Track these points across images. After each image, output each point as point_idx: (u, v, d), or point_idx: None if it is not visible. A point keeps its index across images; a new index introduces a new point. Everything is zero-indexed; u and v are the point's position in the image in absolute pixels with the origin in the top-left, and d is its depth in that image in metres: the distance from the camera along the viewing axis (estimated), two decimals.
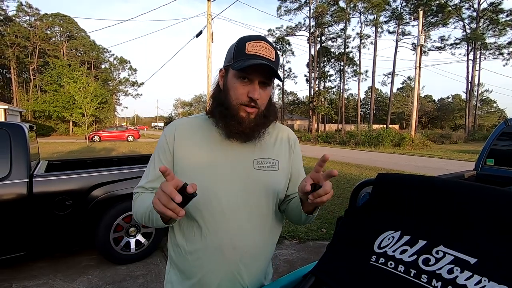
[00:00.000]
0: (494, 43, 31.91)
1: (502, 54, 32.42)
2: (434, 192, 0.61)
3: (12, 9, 44.17)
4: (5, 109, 21.63)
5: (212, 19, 12.89)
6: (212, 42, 13.09)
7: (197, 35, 13.08)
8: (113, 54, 52.58)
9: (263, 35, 0.82)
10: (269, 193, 0.86)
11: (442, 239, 0.56)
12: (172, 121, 0.91)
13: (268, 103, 0.84)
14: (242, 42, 0.79)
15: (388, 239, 0.62)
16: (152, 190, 0.87)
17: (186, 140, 0.85)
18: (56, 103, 34.26)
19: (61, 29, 42.04)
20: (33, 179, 2.52)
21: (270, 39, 38.24)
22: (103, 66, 50.54)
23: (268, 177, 0.86)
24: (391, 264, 0.59)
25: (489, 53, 33.18)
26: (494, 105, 51.45)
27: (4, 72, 41.76)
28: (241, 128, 0.80)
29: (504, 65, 34.44)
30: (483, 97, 48.74)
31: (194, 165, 0.83)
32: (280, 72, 0.96)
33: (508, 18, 29.37)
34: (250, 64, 0.73)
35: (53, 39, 42.21)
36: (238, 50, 0.78)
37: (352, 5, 33.50)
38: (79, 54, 44.59)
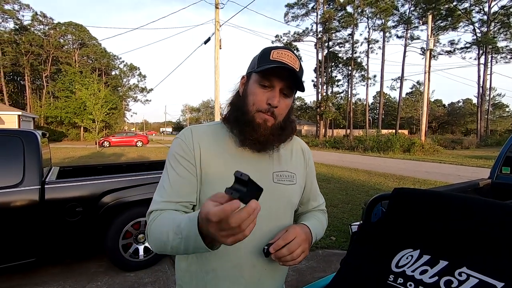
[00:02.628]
0: (506, 46, 31.33)
1: None
2: (455, 210, 0.59)
3: (27, 18, 45.63)
4: (19, 115, 22.23)
5: (220, 26, 13.03)
6: (220, 48, 13.22)
7: (205, 42, 13.23)
8: (123, 61, 53.72)
9: (289, 47, 0.81)
10: (287, 207, 0.83)
11: (465, 260, 0.53)
12: (184, 128, 0.85)
13: (286, 115, 0.80)
14: (268, 49, 0.77)
15: (407, 258, 0.60)
16: (179, 206, 0.76)
17: (207, 148, 0.78)
18: (67, 109, 35.04)
19: (74, 37, 43.20)
20: (45, 186, 2.56)
21: (277, 44, 38.49)
22: (113, 73, 51.60)
23: (287, 191, 0.83)
24: (410, 285, 0.56)
25: (501, 57, 32.56)
26: (507, 109, 50.31)
27: (18, 79, 43.02)
28: (256, 135, 0.75)
29: None
30: (495, 102, 47.71)
31: (219, 176, 0.76)
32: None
33: None
34: (272, 66, 0.71)
35: (66, 47, 43.40)
36: (263, 56, 0.76)
37: (359, 10, 33.49)
38: (91, 61, 45.69)
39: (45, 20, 41.20)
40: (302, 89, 0.77)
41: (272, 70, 0.72)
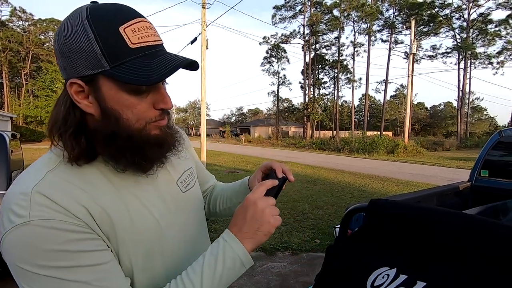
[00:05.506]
0: (484, 52, 32.63)
1: (491, 63, 33.11)
2: (434, 226, 0.54)
3: (5, 13, 43.89)
4: None
5: (207, 26, 12.92)
6: (207, 49, 13.10)
7: (192, 42, 13.08)
8: None
9: (123, 4, 0.51)
10: (201, 208, 0.73)
11: (445, 282, 0.49)
12: (35, 191, 0.47)
13: None
14: (110, 27, 0.46)
15: (383, 277, 0.55)
16: None
17: (91, 201, 0.50)
18: (48, 109, 33.82)
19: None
20: None
21: (265, 46, 38.67)
22: None
23: (196, 192, 0.72)
24: None
25: (479, 62, 33.84)
26: (485, 112, 52.41)
27: None
28: (164, 150, 0.57)
29: (494, 74, 35.22)
30: (474, 105, 49.59)
31: (127, 225, 0.53)
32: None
33: (496, 29, 30.16)
34: (170, 71, 0.48)
35: (47, 44, 41.96)
36: (111, 43, 0.46)
37: (345, 14, 34.03)
38: None
39: (25, 15, 39.77)
40: (196, 67, 0.53)
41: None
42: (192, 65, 0.53)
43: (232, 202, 0.83)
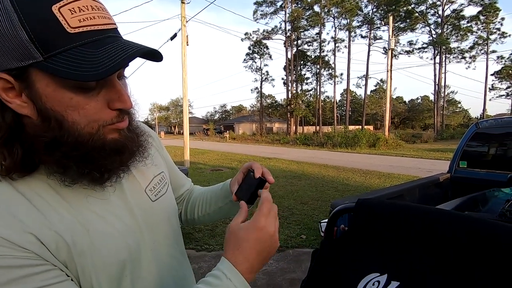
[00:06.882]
0: (457, 47, 34.06)
1: (464, 58, 34.64)
2: (427, 227, 0.51)
3: None
4: None
5: (187, 21, 12.64)
6: (187, 45, 12.83)
7: (172, 38, 12.76)
8: None
9: None
10: (175, 217, 0.65)
11: None
12: None
13: None
14: (40, 5, 0.36)
15: (373, 284, 0.51)
16: None
17: (42, 225, 0.42)
18: None
19: None
20: None
21: (247, 42, 38.50)
22: None
23: (169, 199, 0.63)
24: None
25: (453, 57, 35.30)
26: (459, 105, 54.76)
27: None
28: (125, 157, 0.48)
29: (466, 68, 36.85)
30: (449, 98, 51.67)
31: (89, 246, 0.45)
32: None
33: (468, 24, 31.53)
34: (120, 62, 0.39)
35: None
36: (42, 27, 0.36)
37: (326, 10, 34.39)
38: None
39: None
40: (160, 58, 0.45)
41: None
42: (154, 55, 0.44)
43: (211, 208, 0.75)
